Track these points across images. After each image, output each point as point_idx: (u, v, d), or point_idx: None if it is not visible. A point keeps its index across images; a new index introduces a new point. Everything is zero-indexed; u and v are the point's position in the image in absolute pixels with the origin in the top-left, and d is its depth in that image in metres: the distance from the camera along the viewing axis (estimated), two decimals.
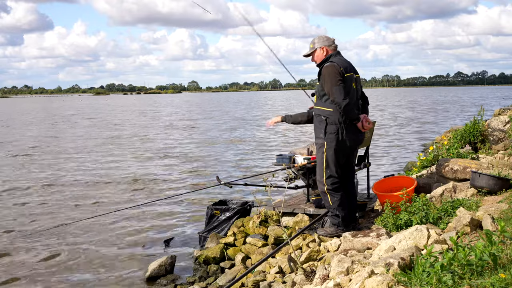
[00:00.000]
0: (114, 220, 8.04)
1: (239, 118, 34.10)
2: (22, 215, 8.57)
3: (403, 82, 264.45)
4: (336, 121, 4.70)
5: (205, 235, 6.45)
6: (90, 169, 13.33)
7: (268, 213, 6.04)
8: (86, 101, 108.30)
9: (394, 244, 3.82)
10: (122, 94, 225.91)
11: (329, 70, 4.69)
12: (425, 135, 20.01)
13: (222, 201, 6.98)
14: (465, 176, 5.67)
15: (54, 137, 22.67)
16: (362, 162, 6.18)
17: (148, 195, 9.96)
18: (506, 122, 8.07)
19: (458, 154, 6.77)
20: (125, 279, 5.70)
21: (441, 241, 3.72)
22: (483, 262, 2.87)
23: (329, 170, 4.81)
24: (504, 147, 7.31)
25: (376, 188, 5.68)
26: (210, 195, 9.55)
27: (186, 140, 20.15)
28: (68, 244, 6.91)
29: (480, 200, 4.85)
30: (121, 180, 11.57)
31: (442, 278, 2.74)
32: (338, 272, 3.60)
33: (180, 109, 52.61)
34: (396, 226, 4.64)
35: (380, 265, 3.17)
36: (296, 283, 4.19)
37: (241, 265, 5.44)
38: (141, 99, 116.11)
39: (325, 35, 5.05)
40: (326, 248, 4.78)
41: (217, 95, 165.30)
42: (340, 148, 4.76)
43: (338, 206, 4.87)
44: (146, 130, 25.86)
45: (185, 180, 11.53)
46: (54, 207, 9.08)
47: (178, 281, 5.50)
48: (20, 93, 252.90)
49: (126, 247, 6.78)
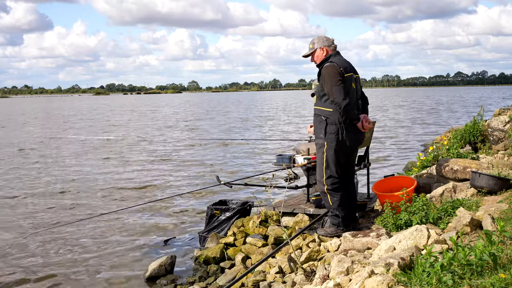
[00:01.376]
0: (114, 220, 8.04)
1: (239, 118, 34.09)
2: (21, 215, 8.57)
3: (403, 82, 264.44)
4: (336, 121, 4.70)
5: (205, 235, 6.45)
6: (90, 169, 13.33)
7: (268, 213, 6.04)
8: (87, 101, 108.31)
9: (394, 244, 3.82)
10: (122, 94, 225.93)
11: (329, 70, 4.69)
12: (425, 135, 20.01)
13: (222, 201, 6.97)
14: (465, 176, 5.67)
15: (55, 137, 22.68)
16: (362, 162, 6.18)
17: (148, 195, 9.95)
18: (506, 122, 8.07)
19: (458, 154, 6.77)
20: (125, 279, 5.70)
21: (441, 241, 3.72)
22: (483, 262, 2.87)
23: (329, 170, 4.81)
24: (504, 147, 7.31)
25: (376, 188, 5.67)
26: (210, 195, 9.55)
27: (186, 140, 20.14)
28: (68, 244, 6.91)
29: (480, 200, 4.85)
30: (121, 180, 11.57)
31: (442, 278, 2.74)
32: (338, 272, 3.60)
33: (179, 109, 52.60)
34: (396, 226, 4.64)
35: (380, 265, 3.17)
36: (296, 283, 4.19)
37: (241, 265, 5.43)
38: (141, 99, 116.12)
39: (324, 36, 5.04)
40: (326, 248, 4.78)
41: (217, 95, 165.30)
42: (340, 148, 4.76)
43: (338, 206, 4.87)
44: (146, 130, 25.87)
45: (185, 180, 11.52)
46: (54, 207, 9.08)
47: (178, 281, 5.50)
48: (20, 93, 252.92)
49: (126, 247, 6.78)
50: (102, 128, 28.49)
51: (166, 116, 39.29)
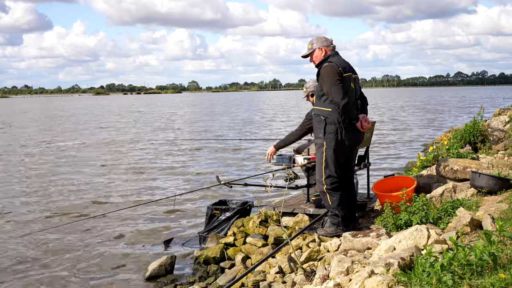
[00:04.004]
0: (114, 220, 8.04)
1: (239, 118, 34.09)
2: (20, 215, 8.57)
3: (403, 82, 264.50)
4: (335, 121, 4.70)
5: (205, 235, 6.45)
6: (89, 169, 13.34)
7: (268, 213, 6.04)
8: (87, 101, 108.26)
9: (394, 244, 3.82)
10: (122, 94, 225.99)
11: (328, 70, 4.70)
12: (425, 135, 20.01)
13: (222, 201, 6.97)
14: (465, 176, 5.67)
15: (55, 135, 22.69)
16: (362, 162, 6.18)
17: (148, 195, 9.95)
18: (506, 122, 8.07)
19: (458, 154, 6.77)
20: (125, 279, 5.69)
21: (441, 241, 3.72)
22: (483, 262, 2.87)
23: (328, 170, 4.81)
24: (504, 147, 7.31)
25: (376, 188, 5.68)
26: (210, 195, 9.55)
27: (186, 140, 20.14)
28: (68, 244, 6.91)
29: (480, 200, 4.85)
30: (121, 181, 11.57)
31: (442, 278, 2.74)
32: (338, 272, 3.60)
33: (180, 110, 52.58)
34: (396, 226, 4.64)
35: (380, 265, 3.17)
36: (296, 283, 4.19)
37: (241, 265, 5.43)
38: (141, 99, 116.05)
39: (323, 36, 5.05)
40: (326, 248, 4.78)
41: (217, 95, 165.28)
42: (339, 148, 4.76)
43: (338, 205, 4.87)
44: (146, 131, 25.88)
45: (185, 180, 11.52)
46: (53, 207, 9.08)
47: (178, 281, 5.49)
48: (20, 93, 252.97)
49: (126, 247, 6.78)
50: (104, 127, 28.51)
51: (168, 116, 39.31)
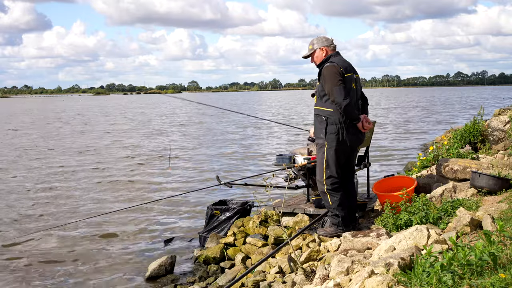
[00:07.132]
0: (114, 220, 8.04)
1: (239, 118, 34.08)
2: (19, 215, 8.57)
3: (403, 82, 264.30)
4: (337, 121, 4.70)
5: (205, 235, 6.45)
6: (89, 169, 13.34)
7: (268, 213, 6.05)
8: (86, 101, 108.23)
9: (394, 244, 3.82)
10: (122, 94, 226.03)
11: (329, 70, 4.70)
12: (425, 135, 20.01)
13: (222, 201, 6.97)
14: (465, 176, 5.68)
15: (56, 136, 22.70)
16: (362, 162, 6.18)
17: (148, 195, 9.95)
18: (506, 122, 8.07)
19: (458, 154, 6.77)
20: (125, 279, 5.69)
21: (441, 241, 3.72)
22: (483, 262, 2.87)
23: (329, 170, 4.82)
24: (504, 147, 7.31)
25: (376, 188, 5.68)
26: (210, 195, 9.55)
27: (186, 141, 20.15)
28: (67, 245, 6.91)
29: (480, 200, 4.86)
30: (120, 181, 11.57)
31: (442, 278, 2.75)
32: (338, 272, 3.60)
33: (179, 110, 52.60)
34: (396, 226, 4.64)
35: (380, 265, 3.17)
36: (296, 283, 4.19)
37: (241, 265, 5.44)
38: (142, 99, 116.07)
39: (323, 36, 5.06)
40: (326, 248, 4.78)
41: (217, 95, 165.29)
42: (341, 148, 4.76)
43: (338, 206, 4.88)
44: (146, 130, 25.88)
45: (185, 180, 11.52)
46: (52, 207, 9.08)
47: (178, 281, 5.50)
48: (20, 93, 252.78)
49: (126, 247, 6.78)
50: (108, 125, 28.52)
51: (170, 115, 39.32)
